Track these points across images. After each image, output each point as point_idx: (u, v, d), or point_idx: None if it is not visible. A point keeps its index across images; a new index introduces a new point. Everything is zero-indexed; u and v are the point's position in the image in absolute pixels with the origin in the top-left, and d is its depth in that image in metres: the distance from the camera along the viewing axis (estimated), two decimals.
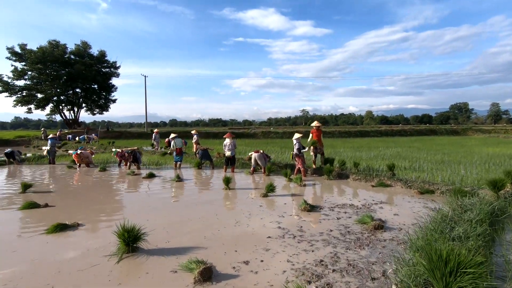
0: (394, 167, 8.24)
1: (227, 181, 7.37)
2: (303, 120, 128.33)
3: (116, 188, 8.09)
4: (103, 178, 9.40)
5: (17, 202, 6.28)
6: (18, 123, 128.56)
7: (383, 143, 21.95)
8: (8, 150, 13.03)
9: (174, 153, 11.26)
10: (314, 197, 6.75)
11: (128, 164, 11.05)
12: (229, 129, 46.63)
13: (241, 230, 4.53)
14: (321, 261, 3.44)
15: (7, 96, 34.89)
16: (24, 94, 35.66)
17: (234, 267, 3.32)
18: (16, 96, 35.26)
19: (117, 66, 40.60)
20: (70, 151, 12.85)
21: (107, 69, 40.06)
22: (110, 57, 40.27)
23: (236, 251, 3.76)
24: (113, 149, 12.83)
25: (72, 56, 36.91)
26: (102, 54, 39.17)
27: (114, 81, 41.49)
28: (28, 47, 34.38)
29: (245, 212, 5.46)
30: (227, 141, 9.83)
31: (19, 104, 35.53)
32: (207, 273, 3.07)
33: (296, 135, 9.06)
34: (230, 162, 9.91)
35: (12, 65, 34.38)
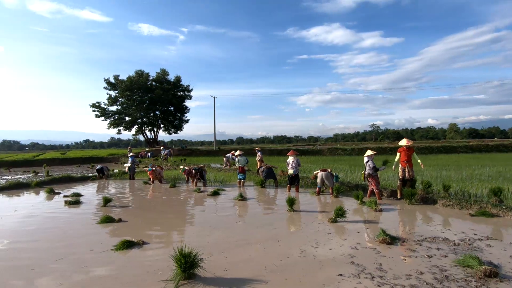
0: (501, 192, 6.60)
1: (291, 202, 6.84)
2: (373, 136, 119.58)
3: (183, 206, 8.29)
4: (172, 195, 9.82)
5: (99, 215, 6.82)
6: (113, 143, 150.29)
7: (476, 161, 18.58)
8: (99, 166, 14.93)
9: (238, 171, 11.25)
10: (394, 226, 5.71)
11: (195, 181, 11.44)
12: (294, 146, 46.06)
13: (307, 262, 3.94)
14: None
15: (103, 120, 41.10)
16: (116, 117, 41.47)
17: None
18: (109, 120, 41.25)
19: (189, 89, 44.41)
20: (145, 168, 14.01)
21: (181, 93, 44.07)
22: (184, 82, 44.38)
23: None
24: (181, 167, 13.54)
25: (154, 83, 41.75)
26: (178, 79, 43.38)
27: (187, 103, 45.35)
28: (120, 78, 40.25)
29: (311, 239, 4.85)
30: (290, 159, 9.35)
31: (112, 126, 41.41)
32: None
33: (369, 152, 8.08)
34: (294, 181, 9.36)
35: (107, 94, 40.58)
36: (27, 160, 28.12)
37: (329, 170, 8.90)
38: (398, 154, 8.12)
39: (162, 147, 28.61)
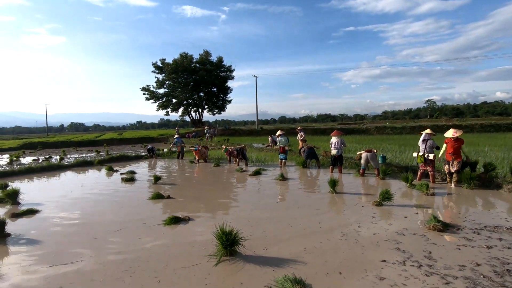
0: None
1: (333, 183, 6.66)
2: (428, 112, 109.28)
3: (225, 185, 8.60)
4: (216, 174, 10.22)
5: (150, 191, 7.39)
6: (162, 123, 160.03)
7: None
8: (149, 146, 16.07)
9: (279, 151, 11.23)
10: (448, 212, 5.28)
11: (237, 161, 11.72)
12: (338, 125, 44.43)
13: (348, 245, 3.85)
14: None
15: (153, 102, 43.70)
16: (164, 100, 43.77)
17: None
18: (158, 102, 43.70)
19: (231, 69, 44.76)
20: (192, 148, 14.69)
21: (223, 73, 44.65)
22: (226, 62, 44.75)
23: (340, 273, 3.15)
24: (223, 147, 13.93)
25: (197, 65, 42.81)
26: (220, 60, 43.86)
27: (229, 83, 45.95)
28: (166, 61, 41.97)
29: (353, 223, 4.70)
30: (334, 139, 9.02)
31: (160, 108, 43.91)
32: None
33: (427, 131, 7.48)
34: (337, 162, 9.07)
35: (155, 77, 42.77)
36: (90, 140, 31.40)
37: (375, 151, 8.42)
38: (444, 145, 7.25)
39: (206, 128, 29.67)
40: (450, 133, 7.12)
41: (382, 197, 5.57)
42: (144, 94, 43.09)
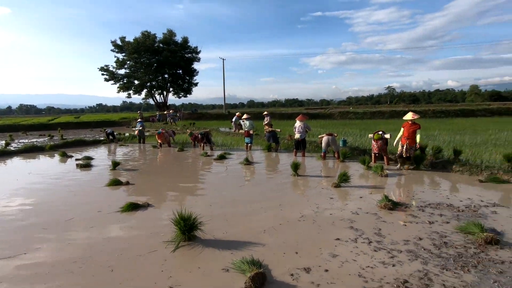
0: None
1: (296, 166, 6.82)
2: (388, 98, 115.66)
3: (189, 170, 8.43)
4: (179, 159, 9.97)
5: (107, 178, 7.01)
6: (125, 106, 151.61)
7: (495, 125, 17.84)
8: (109, 130, 15.18)
9: (244, 135, 11.21)
10: (399, 192, 5.66)
11: (202, 145, 11.52)
12: (305, 109, 45.31)
13: (306, 226, 3.98)
14: (405, 282, 2.66)
15: (113, 84, 40.99)
16: (125, 81, 41.23)
17: (292, 274, 2.84)
18: (119, 83, 41.09)
19: (198, 51, 43.09)
20: (155, 132, 14.14)
21: (189, 55, 42.91)
22: (192, 43, 42.91)
23: (297, 253, 3.26)
24: (188, 131, 13.59)
25: (161, 45, 40.60)
26: (185, 41, 41.96)
27: (196, 65, 44.31)
28: (126, 40, 39.24)
29: (312, 204, 4.87)
30: (298, 123, 9.17)
31: (121, 90, 41.36)
32: (260, 280, 2.66)
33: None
34: (300, 145, 9.27)
35: (115, 56, 39.96)
36: (42, 124, 28.89)
37: (335, 134, 8.72)
38: (402, 129, 7.28)
39: (170, 111, 28.63)
40: (409, 116, 7.14)
41: (340, 179, 5.82)
42: (103, 74, 40.20)
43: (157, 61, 39.99)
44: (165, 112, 30.55)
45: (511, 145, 9.68)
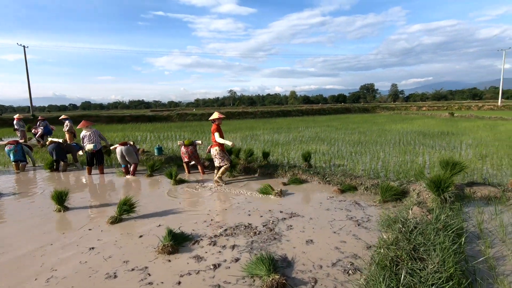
0: (310, 157, 6.60)
1: (59, 196, 4.51)
2: (231, 101, 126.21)
3: None
4: None
5: None
6: None
7: (303, 123, 21.26)
8: None
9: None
10: (197, 215, 4.44)
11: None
12: (151, 111, 40.77)
13: None
14: None
15: None
16: None
17: None
18: None
19: None
20: None
21: None
22: None
23: None
24: None
25: None
26: None
27: None
28: None
29: (47, 268, 2.86)
30: (85, 131, 6.75)
31: None
32: None
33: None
34: (96, 159, 6.93)
35: None
36: None
37: (131, 143, 6.90)
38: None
39: None
40: (215, 115, 5.91)
41: (120, 209, 4.08)
42: None
43: None
44: None
45: (312, 141, 11.00)
